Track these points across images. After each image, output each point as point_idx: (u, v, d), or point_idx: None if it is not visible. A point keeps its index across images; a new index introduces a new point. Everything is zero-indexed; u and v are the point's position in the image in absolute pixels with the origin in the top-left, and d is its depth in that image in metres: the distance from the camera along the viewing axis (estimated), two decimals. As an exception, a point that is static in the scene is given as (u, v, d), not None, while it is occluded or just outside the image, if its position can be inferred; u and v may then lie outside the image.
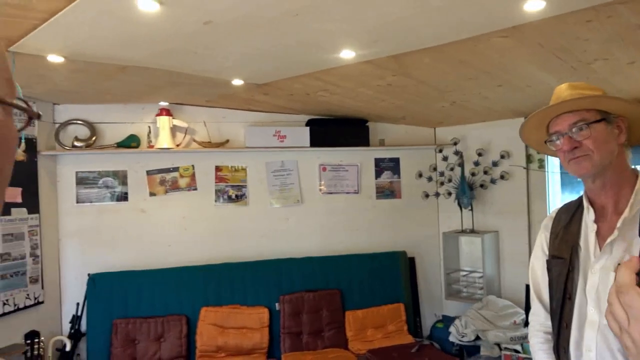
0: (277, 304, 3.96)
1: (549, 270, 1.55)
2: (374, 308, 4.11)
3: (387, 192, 4.55)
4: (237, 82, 3.02)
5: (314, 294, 4.02)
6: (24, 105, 0.57)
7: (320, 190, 4.38)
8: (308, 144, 4.15)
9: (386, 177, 4.55)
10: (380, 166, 4.54)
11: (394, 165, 4.57)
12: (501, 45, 2.34)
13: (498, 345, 3.61)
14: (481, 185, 4.28)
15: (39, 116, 0.59)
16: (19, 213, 3.48)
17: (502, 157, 4.15)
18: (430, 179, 4.55)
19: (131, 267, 3.90)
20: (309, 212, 4.34)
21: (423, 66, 2.70)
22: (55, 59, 2.32)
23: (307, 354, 3.82)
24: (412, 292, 4.45)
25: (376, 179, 4.53)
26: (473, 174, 4.29)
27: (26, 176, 3.58)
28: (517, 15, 1.95)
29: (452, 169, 4.42)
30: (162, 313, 3.78)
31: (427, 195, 4.51)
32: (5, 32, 2.02)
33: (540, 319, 1.62)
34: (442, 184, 4.55)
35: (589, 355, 1.34)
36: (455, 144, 4.37)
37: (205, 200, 4.15)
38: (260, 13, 1.83)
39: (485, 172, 4.25)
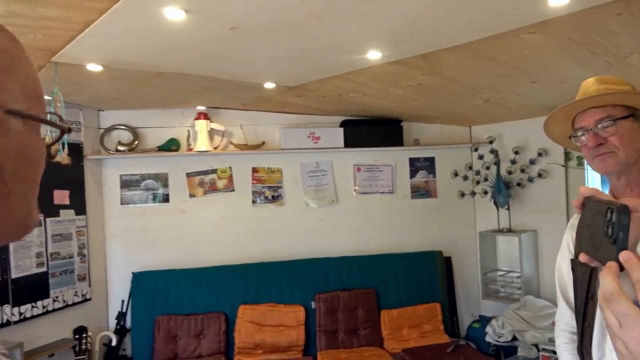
0: (312, 303, 4.02)
1: (573, 270, 1.52)
2: (409, 307, 4.10)
3: (422, 192, 4.53)
4: (269, 85, 3.10)
5: (349, 292, 4.06)
6: (56, 120, 0.61)
7: (355, 190, 4.41)
8: (342, 144, 4.19)
9: (421, 176, 4.53)
10: (415, 166, 4.52)
11: (429, 164, 4.54)
12: (530, 41, 2.31)
13: (536, 346, 3.53)
14: (518, 184, 4.19)
15: (69, 130, 0.62)
16: (67, 214, 3.69)
17: (540, 154, 4.05)
18: (465, 177, 4.50)
19: (173, 266, 4.05)
20: (344, 212, 4.37)
21: (452, 64, 2.69)
22: (94, 67, 2.46)
23: (342, 351, 3.85)
24: (448, 291, 4.41)
25: (411, 178, 4.52)
26: (510, 173, 4.21)
27: (74, 179, 3.78)
28: (543, 10, 1.93)
29: (488, 168, 4.35)
30: (201, 310, 3.91)
31: (462, 195, 4.46)
32: (47, 43, 2.17)
33: (565, 319, 1.59)
34: (478, 182, 4.49)
35: (611, 356, 1.31)
36: (491, 142, 4.30)
37: (243, 201, 4.26)
38: (282, 17, 1.89)
39: (523, 171, 4.16)
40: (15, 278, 3.26)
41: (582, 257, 0.71)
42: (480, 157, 4.40)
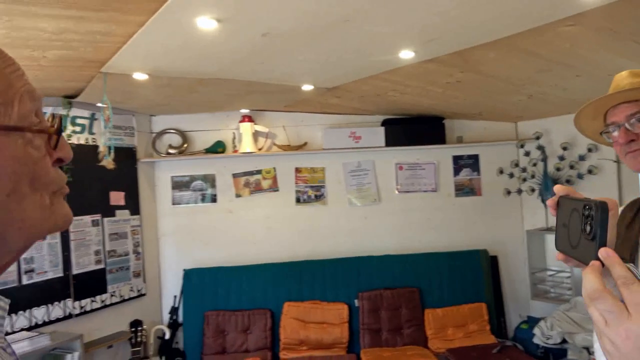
0: (356, 301, 4.05)
1: None
2: (454, 307, 4.06)
3: (466, 190, 4.46)
4: (307, 87, 3.17)
5: (392, 291, 4.07)
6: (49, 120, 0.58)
7: (397, 189, 4.41)
8: (383, 143, 4.20)
9: (465, 174, 4.46)
10: (459, 163, 4.45)
11: (473, 162, 4.46)
12: (569, 34, 2.24)
13: (587, 349, 3.40)
14: (567, 181, 4.04)
15: (59, 132, 0.61)
16: (123, 215, 3.92)
17: (590, 150, 3.89)
18: (511, 175, 4.38)
19: (221, 264, 4.21)
20: (386, 210, 4.38)
21: (489, 61, 2.65)
22: (140, 76, 2.62)
23: (385, 350, 3.87)
24: (495, 291, 4.32)
25: (455, 176, 4.46)
26: (558, 169, 4.07)
27: (128, 181, 4.01)
28: (576, 2, 1.88)
29: (534, 165, 4.22)
30: (248, 307, 4.04)
31: (508, 192, 4.35)
32: (96, 55, 2.33)
33: None
34: (524, 180, 4.36)
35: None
36: (537, 138, 4.17)
37: (287, 201, 4.36)
38: (311, 22, 1.94)
39: (572, 167, 4.01)
40: (76, 274, 3.50)
41: (559, 257, 0.72)
42: (527, 154, 4.28)
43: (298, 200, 4.37)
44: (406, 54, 2.45)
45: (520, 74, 2.90)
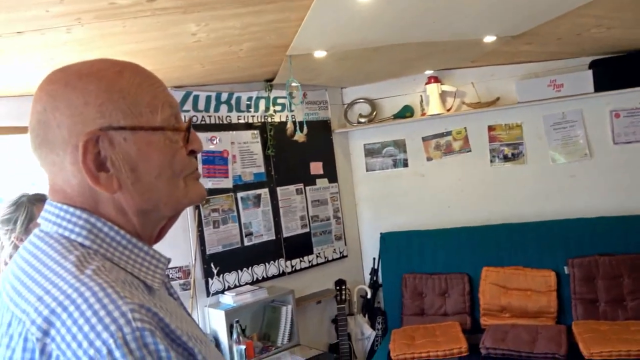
0: (565, 267, 3.68)
1: None
2: (695, 278, 3.37)
3: None
4: (489, 38, 2.93)
5: (610, 258, 3.57)
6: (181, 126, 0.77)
7: (614, 140, 3.79)
8: (592, 89, 3.64)
9: None
10: (701, 103, 3.60)
11: None
12: None
13: None
14: None
15: (188, 127, 0.78)
16: (322, 183, 4.26)
17: None
18: None
19: (415, 227, 4.26)
20: (600, 166, 3.82)
21: None
22: (319, 54, 2.78)
23: (603, 323, 3.44)
24: None
25: (695, 120, 3.63)
26: None
27: (325, 152, 4.32)
28: None
29: None
30: (444, 270, 4.02)
31: None
32: (279, 41, 2.56)
33: None
34: None
35: None
36: None
37: (480, 161, 4.15)
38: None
39: None
40: (286, 237, 3.96)
41: None
42: None
43: (492, 161, 4.11)
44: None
45: None
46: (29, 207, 2.03)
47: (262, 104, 3.84)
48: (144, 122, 0.73)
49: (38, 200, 2.07)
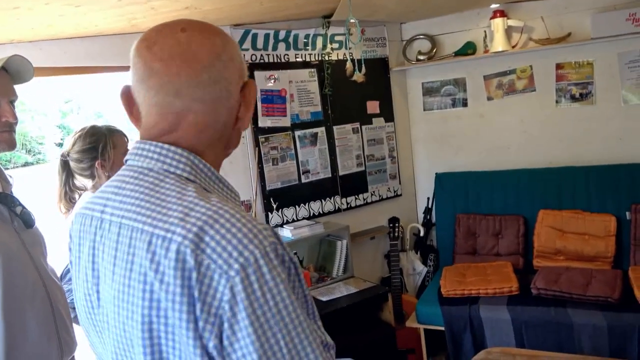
0: (627, 213, 3.58)
1: None
2: None
3: None
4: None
5: (678, 205, 3.43)
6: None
7: (696, 80, 3.52)
8: (677, 23, 3.35)
9: None
10: None
11: None
12: None
13: None
14: None
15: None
16: (378, 122, 4.25)
17: None
18: None
19: (472, 168, 4.21)
20: (677, 108, 3.58)
21: None
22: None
23: (662, 270, 3.38)
24: None
25: None
26: None
27: (382, 90, 4.28)
28: None
29: None
30: (499, 212, 4.00)
31: None
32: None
33: None
34: None
35: None
36: None
37: (545, 102, 3.98)
38: None
39: None
40: (342, 175, 4.05)
41: None
42: None
43: (558, 101, 3.94)
44: None
45: None
46: (108, 135, 2.18)
47: (319, 42, 3.81)
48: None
49: (111, 131, 2.21)
